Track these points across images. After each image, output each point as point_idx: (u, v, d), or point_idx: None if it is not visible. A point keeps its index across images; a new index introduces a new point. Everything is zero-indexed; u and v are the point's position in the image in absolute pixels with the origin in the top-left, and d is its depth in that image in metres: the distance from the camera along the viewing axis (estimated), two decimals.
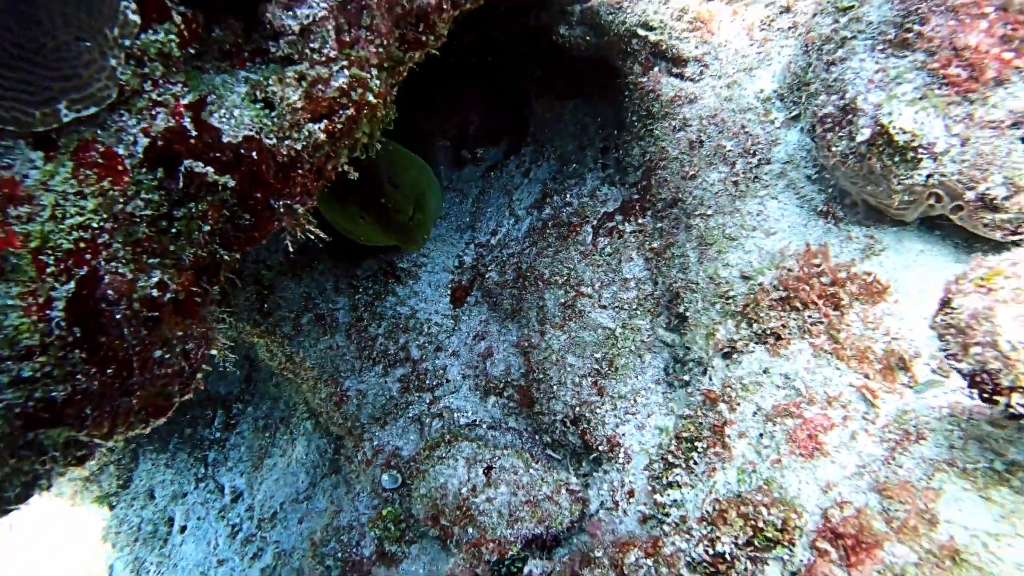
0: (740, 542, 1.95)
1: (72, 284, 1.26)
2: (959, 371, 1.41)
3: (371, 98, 1.49)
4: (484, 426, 3.20)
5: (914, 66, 2.14)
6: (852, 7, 2.44)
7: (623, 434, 2.81)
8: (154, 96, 1.30)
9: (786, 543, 1.92)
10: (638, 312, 3.06)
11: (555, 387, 3.01)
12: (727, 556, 1.94)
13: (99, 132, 1.27)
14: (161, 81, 1.30)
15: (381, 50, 1.48)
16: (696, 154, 2.91)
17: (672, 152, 2.99)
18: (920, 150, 2.08)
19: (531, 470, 2.57)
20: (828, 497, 1.96)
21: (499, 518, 2.41)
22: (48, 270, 1.24)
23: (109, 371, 1.35)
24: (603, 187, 3.56)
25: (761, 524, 1.95)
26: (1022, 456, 1.70)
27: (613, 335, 3.02)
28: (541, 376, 3.08)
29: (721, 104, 2.92)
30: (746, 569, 1.92)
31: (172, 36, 1.27)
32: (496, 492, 2.50)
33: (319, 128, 1.44)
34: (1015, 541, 1.57)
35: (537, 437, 3.16)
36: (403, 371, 3.43)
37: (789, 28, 2.93)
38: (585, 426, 2.90)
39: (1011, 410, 1.30)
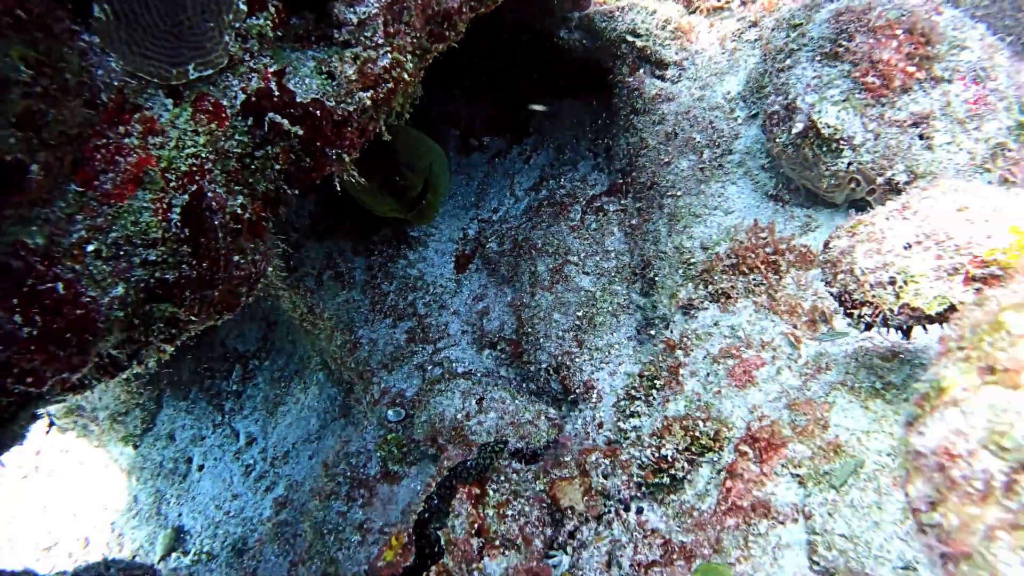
0: (680, 448, 2.43)
1: (186, 196, 1.74)
2: (830, 293, 1.89)
3: (406, 76, 1.97)
4: (479, 375, 3.67)
5: (841, 74, 2.62)
6: (800, 24, 2.93)
7: (597, 379, 3.28)
8: (251, 64, 1.78)
9: (716, 449, 2.41)
10: (616, 279, 3.54)
11: (541, 340, 3.49)
12: (669, 458, 2.42)
13: (211, 88, 1.75)
14: (256, 54, 1.78)
15: (415, 40, 1.97)
16: (671, 144, 3.39)
17: (651, 142, 3.48)
18: (842, 142, 2.57)
19: (516, 401, 3.05)
20: (753, 415, 2.44)
21: (488, 436, 2.88)
22: (171, 184, 1.72)
23: (204, 265, 1.83)
24: (593, 173, 4.05)
25: (698, 434, 2.43)
26: (896, 378, 2.19)
27: (594, 297, 3.50)
28: (530, 331, 3.56)
29: (694, 103, 3.41)
30: (683, 467, 2.40)
31: (267, 22, 1.75)
32: (486, 417, 2.98)
33: (367, 96, 1.93)
34: (881, 436, 2.06)
35: (524, 385, 3.64)
36: (410, 324, 3.91)
37: (755, 40, 3.42)
38: (565, 372, 3.38)
39: (863, 320, 1.78)
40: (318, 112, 1.87)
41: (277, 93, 1.81)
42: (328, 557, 3.14)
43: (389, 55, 1.91)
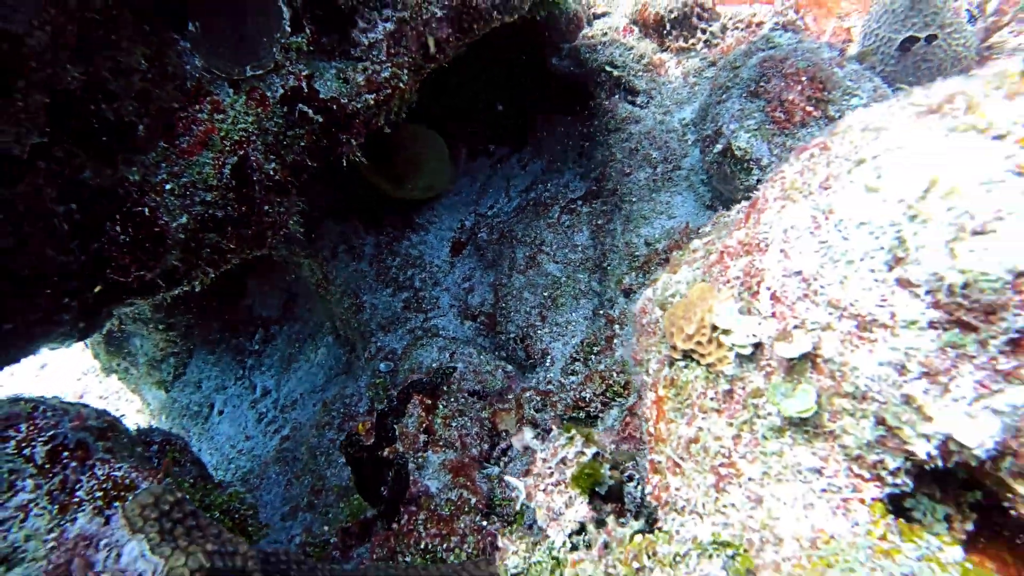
0: (597, 392, 3.06)
1: (236, 157, 2.46)
2: None
3: (401, 85, 2.68)
4: (459, 342, 4.34)
5: (758, 108, 3.26)
6: (738, 67, 3.58)
7: (553, 348, 3.92)
8: (290, 68, 2.50)
9: (625, 395, 3.03)
10: (580, 268, 4.19)
11: (512, 314, 4.15)
12: (587, 399, 3.05)
13: (260, 83, 2.48)
14: (295, 61, 2.50)
15: (410, 60, 2.68)
16: (633, 159, 4.05)
17: (619, 156, 4.14)
18: (751, 162, 3.20)
19: (481, 356, 3.71)
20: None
21: (454, 381, 3.54)
22: (226, 148, 2.44)
23: (243, 208, 2.55)
24: (575, 180, 4.72)
25: (611, 383, 3.06)
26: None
27: (559, 282, 4.16)
28: (504, 306, 4.23)
29: (656, 125, 4.07)
30: (597, 408, 3.03)
31: (304, 40, 2.48)
32: (455, 366, 3.64)
33: (371, 97, 2.64)
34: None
35: (496, 353, 4.29)
36: (407, 295, 4.61)
37: (711, 77, 4.07)
38: (528, 341, 4.02)
39: None
40: (335, 107, 2.59)
41: (306, 90, 2.54)
42: (318, 474, 3.82)
43: (389, 69, 2.62)
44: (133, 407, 6.49)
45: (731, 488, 1.38)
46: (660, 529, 1.45)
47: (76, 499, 1.49)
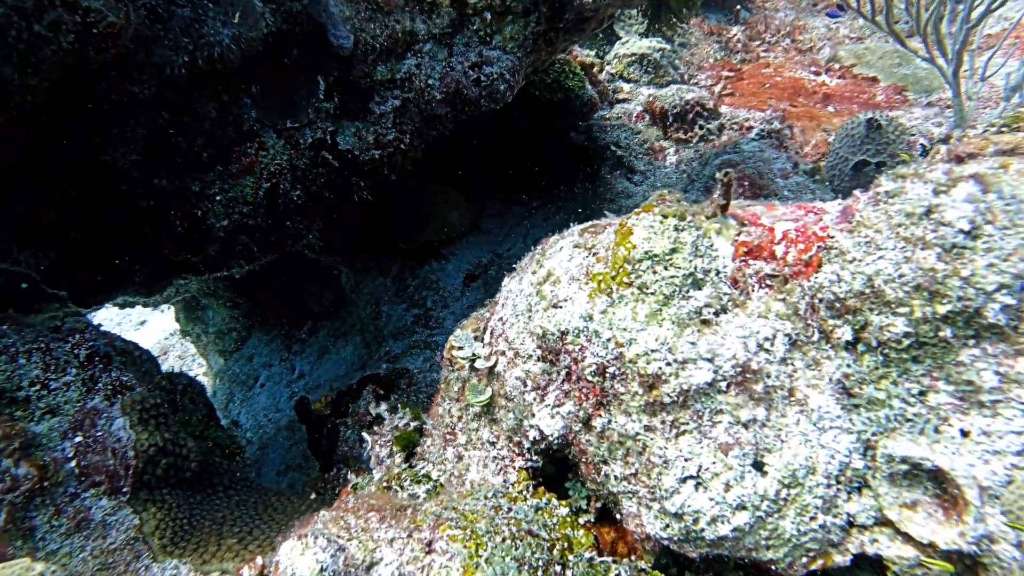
0: None
1: (269, 184, 3.37)
2: None
3: (403, 147, 3.51)
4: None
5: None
6: (707, 163, 4.16)
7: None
8: (319, 124, 3.39)
9: None
10: None
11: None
12: None
13: (296, 133, 3.38)
14: (323, 120, 3.40)
15: (413, 128, 3.51)
16: None
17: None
18: None
19: None
20: None
21: (428, 387, 4.27)
22: (264, 176, 3.34)
23: (269, 221, 3.45)
24: None
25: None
26: None
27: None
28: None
29: (642, 201, 4.69)
30: None
31: (332, 104, 3.37)
32: (432, 375, 4.37)
33: (378, 152, 3.49)
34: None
35: None
36: (418, 312, 5.41)
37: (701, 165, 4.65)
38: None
39: None
40: (349, 156, 3.46)
41: (329, 141, 3.42)
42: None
43: (394, 133, 3.46)
44: (201, 369, 7.68)
45: (449, 448, 2.01)
46: (411, 466, 2.11)
47: (97, 387, 2.35)
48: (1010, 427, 1.29)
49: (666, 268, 1.59)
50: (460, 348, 1.99)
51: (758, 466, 1.48)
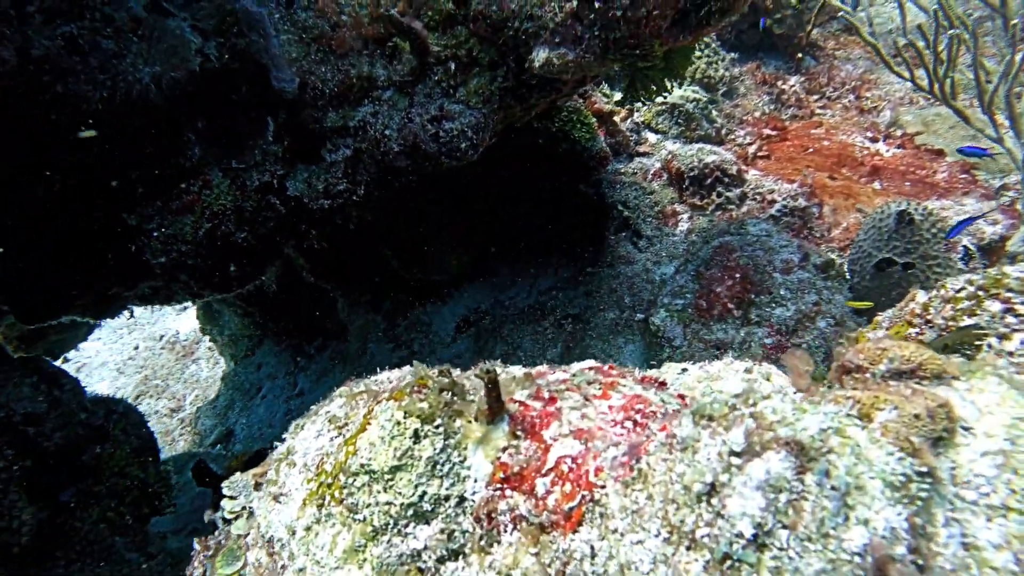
0: None
1: (211, 224, 3.21)
2: None
3: (355, 198, 3.27)
4: None
5: (691, 291, 3.35)
6: (708, 242, 3.66)
7: None
8: (267, 167, 3.21)
9: None
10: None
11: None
12: None
13: (243, 173, 3.21)
14: (272, 163, 3.21)
15: (367, 179, 3.26)
16: (610, 297, 4.24)
17: (602, 291, 4.35)
18: (663, 339, 3.30)
19: None
20: None
21: None
22: (205, 215, 3.19)
23: (209, 261, 3.29)
24: (580, 297, 4.97)
25: None
26: None
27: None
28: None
29: (642, 272, 4.23)
30: None
31: (280, 148, 3.17)
32: None
33: (327, 202, 3.26)
34: None
35: None
36: (404, 353, 5.17)
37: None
38: None
39: None
40: (294, 203, 3.25)
41: (276, 186, 3.23)
42: None
43: (345, 184, 3.23)
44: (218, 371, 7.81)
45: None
46: None
47: None
48: None
49: (385, 490, 1.23)
50: (233, 498, 1.69)
51: None
